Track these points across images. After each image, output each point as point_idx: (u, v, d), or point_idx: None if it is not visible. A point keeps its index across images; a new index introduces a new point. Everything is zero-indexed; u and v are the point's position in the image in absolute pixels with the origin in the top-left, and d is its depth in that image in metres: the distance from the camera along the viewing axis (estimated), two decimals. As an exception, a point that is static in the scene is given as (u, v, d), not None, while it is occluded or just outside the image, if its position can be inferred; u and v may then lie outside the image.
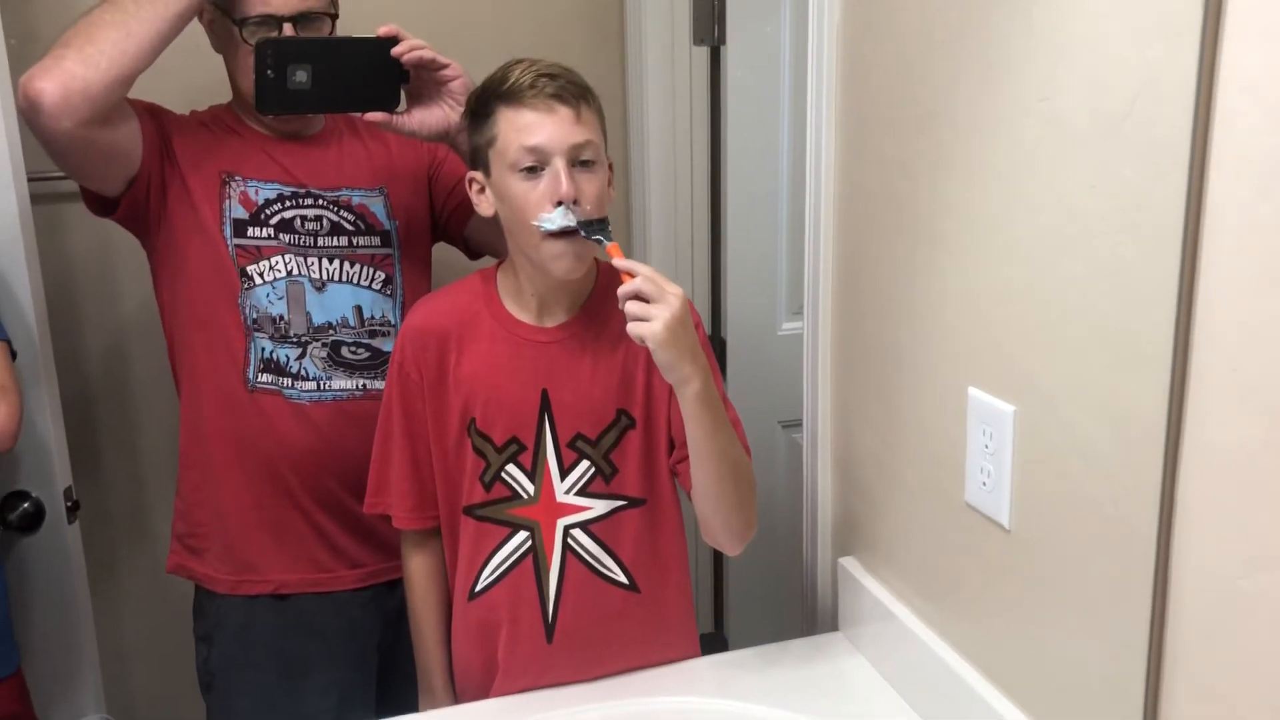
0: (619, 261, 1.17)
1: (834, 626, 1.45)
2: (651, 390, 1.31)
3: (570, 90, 1.21)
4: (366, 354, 1.53)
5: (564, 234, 1.20)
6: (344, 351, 1.52)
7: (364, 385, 1.52)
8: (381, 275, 1.55)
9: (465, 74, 1.42)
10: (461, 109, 1.38)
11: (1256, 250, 0.75)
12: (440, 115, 1.44)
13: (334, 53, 1.43)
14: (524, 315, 1.32)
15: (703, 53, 2.09)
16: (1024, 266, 1.00)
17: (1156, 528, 0.85)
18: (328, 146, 1.56)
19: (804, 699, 1.27)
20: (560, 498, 1.31)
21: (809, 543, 1.51)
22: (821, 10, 1.31)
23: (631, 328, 1.13)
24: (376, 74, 1.41)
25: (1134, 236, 0.85)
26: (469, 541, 1.34)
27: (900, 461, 1.27)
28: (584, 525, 1.31)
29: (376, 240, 1.55)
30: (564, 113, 1.20)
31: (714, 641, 2.25)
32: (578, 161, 1.21)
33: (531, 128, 1.19)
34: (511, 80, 1.20)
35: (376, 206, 1.56)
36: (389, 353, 1.48)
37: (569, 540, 1.31)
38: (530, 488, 1.31)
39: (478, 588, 1.34)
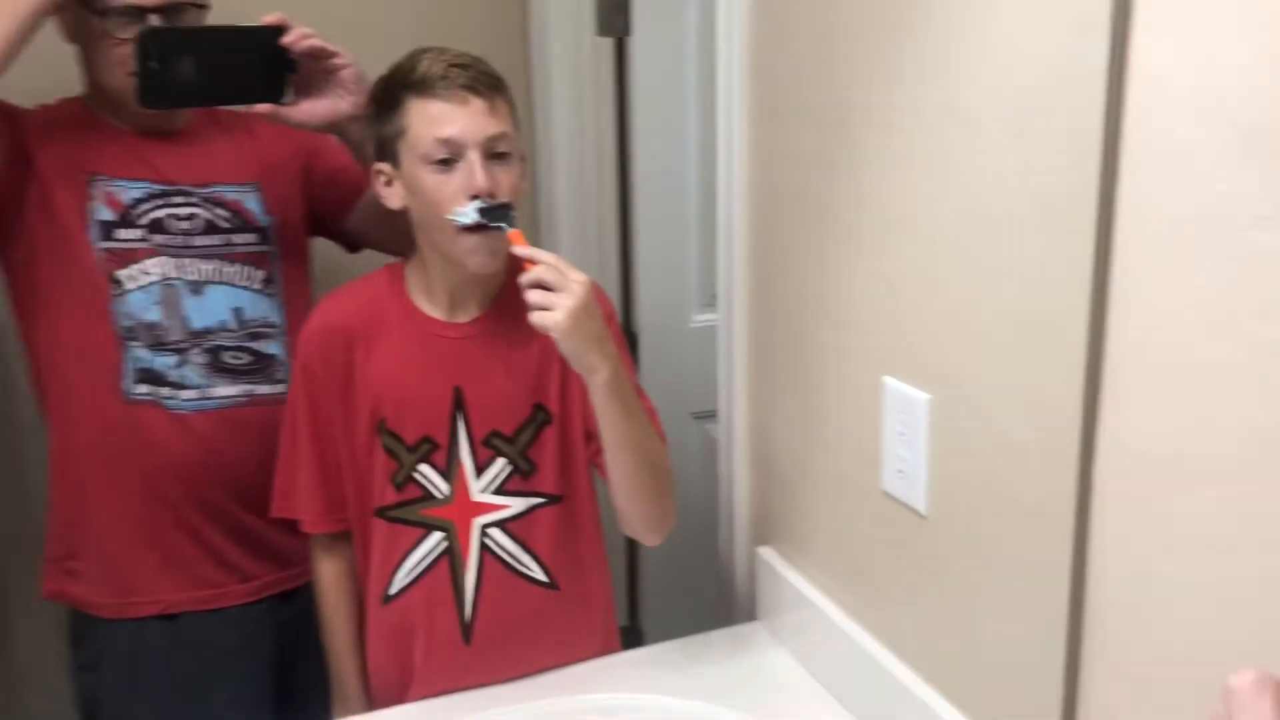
0: (519, 249, 1.14)
1: (752, 617, 1.46)
2: (567, 383, 1.29)
3: (484, 80, 1.18)
4: (249, 358, 1.46)
5: (479, 228, 1.17)
6: (225, 357, 1.45)
7: (249, 391, 1.46)
8: (261, 274, 1.48)
9: (355, 63, 1.36)
10: (352, 98, 1.35)
11: (1168, 241, 0.76)
12: (328, 106, 1.38)
13: (220, 43, 1.35)
14: (434, 311, 1.29)
15: (608, 44, 2.07)
16: (939, 259, 1.01)
17: (1075, 513, 0.86)
18: (194, 142, 1.48)
19: (728, 691, 1.27)
20: (476, 497, 1.29)
21: (726, 533, 1.51)
22: (730, 4, 1.31)
23: (534, 317, 1.11)
24: (263, 64, 1.35)
25: (1048, 228, 0.87)
26: (381, 544, 1.31)
27: (817, 451, 1.27)
28: (501, 524, 1.29)
29: (254, 237, 1.48)
30: (478, 104, 1.17)
31: (630, 635, 2.24)
32: (492, 154, 1.19)
33: (444, 119, 1.17)
34: (421, 70, 1.17)
35: (251, 202, 1.49)
36: (273, 355, 1.46)
37: (486, 540, 1.29)
38: (444, 487, 1.29)
39: (392, 591, 1.31)
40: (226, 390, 1.45)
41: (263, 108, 1.35)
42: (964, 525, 1.02)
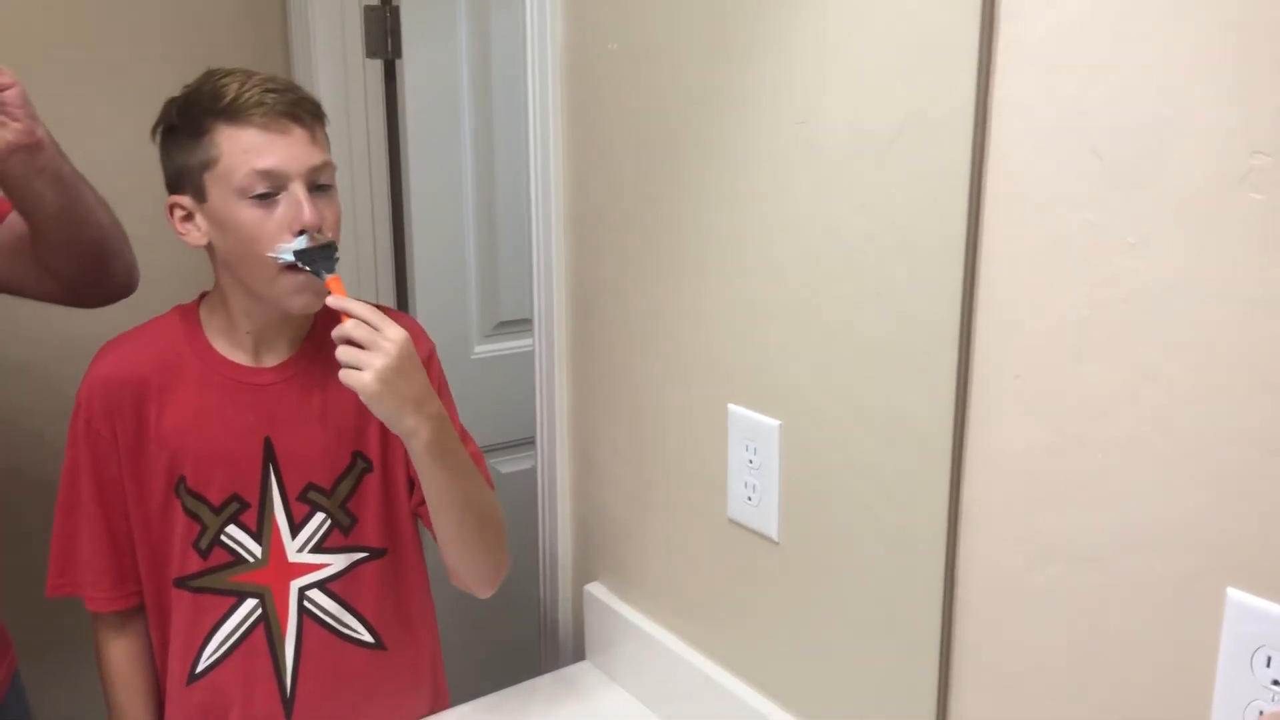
0: (333, 300, 1.06)
1: (580, 657, 1.42)
2: (387, 429, 1.21)
3: (306, 107, 1.09)
4: None
5: (301, 268, 1.08)
6: None
7: None
8: None
9: (19, 82, 1.09)
10: (18, 125, 1.08)
11: (1036, 267, 0.80)
12: None
13: None
14: (237, 355, 1.18)
15: (376, 66, 1.98)
16: (785, 286, 1.02)
17: (946, 532, 0.89)
18: None
19: (572, 738, 1.23)
20: (293, 557, 1.18)
21: (548, 572, 1.47)
22: (543, 32, 1.27)
23: (343, 375, 1.04)
24: None
25: (908, 256, 0.89)
26: (184, 617, 1.18)
27: (651, 481, 1.26)
28: (321, 584, 1.19)
29: None
30: (299, 133, 1.08)
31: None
32: (315, 185, 1.09)
33: (263, 149, 1.06)
34: (232, 96, 1.06)
35: None
36: None
37: (305, 603, 1.19)
38: (257, 550, 1.17)
39: (199, 668, 1.18)
40: None
41: None
42: (821, 550, 1.04)
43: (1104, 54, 0.73)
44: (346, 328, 1.04)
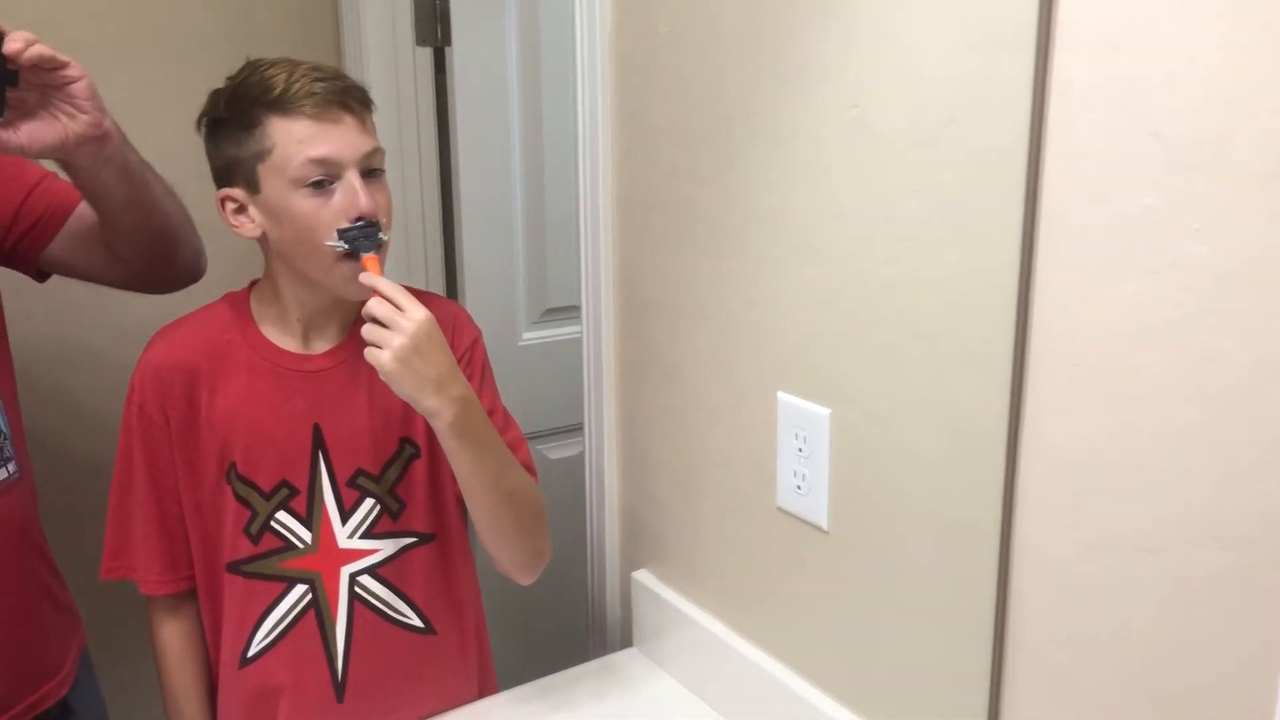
0: (364, 277, 1.07)
1: (626, 644, 1.42)
2: None
3: (354, 95, 1.09)
4: None
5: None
6: None
7: None
8: None
9: (87, 74, 1.10)
10: (86, 117, 1.08)
11: (1094, 252, 0.78)
12: (58, 127, 1.08)
13: None
14: (287, 342, 1.18)
15: (426, 54, 1.99)
16: (835, 271, 1.00)
17: (999, 521, 0.87)
18: None
19: (621, 724, 1.23)
20: (343, 543, 1.19)
21: (595, 559, 1.47)
22: (592, 17, 1.27)
23: (366, 353, 1.05)
24: None
25: (962, 241, 0.87)
26: (236, 602, 1.19)
27: (700, 470, 1.25)
28: (371, 570, 1.20)
29: None
30: (350, 121, 1.08)
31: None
32: (368, 171, 1.10)
33: (316, 138, 1.07)
34: (281, 87, 1.06)
35: None
36: None
37: (355, 588, 1.19)
38: (307, 536, 1.18)
39: (250, 652, 1.19)
40: None
41: None
42: (871, 539, 1.02)
43: (1166, 32, 0.71)
44: (370, 305, 1.05)
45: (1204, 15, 0.69)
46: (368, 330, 1.04)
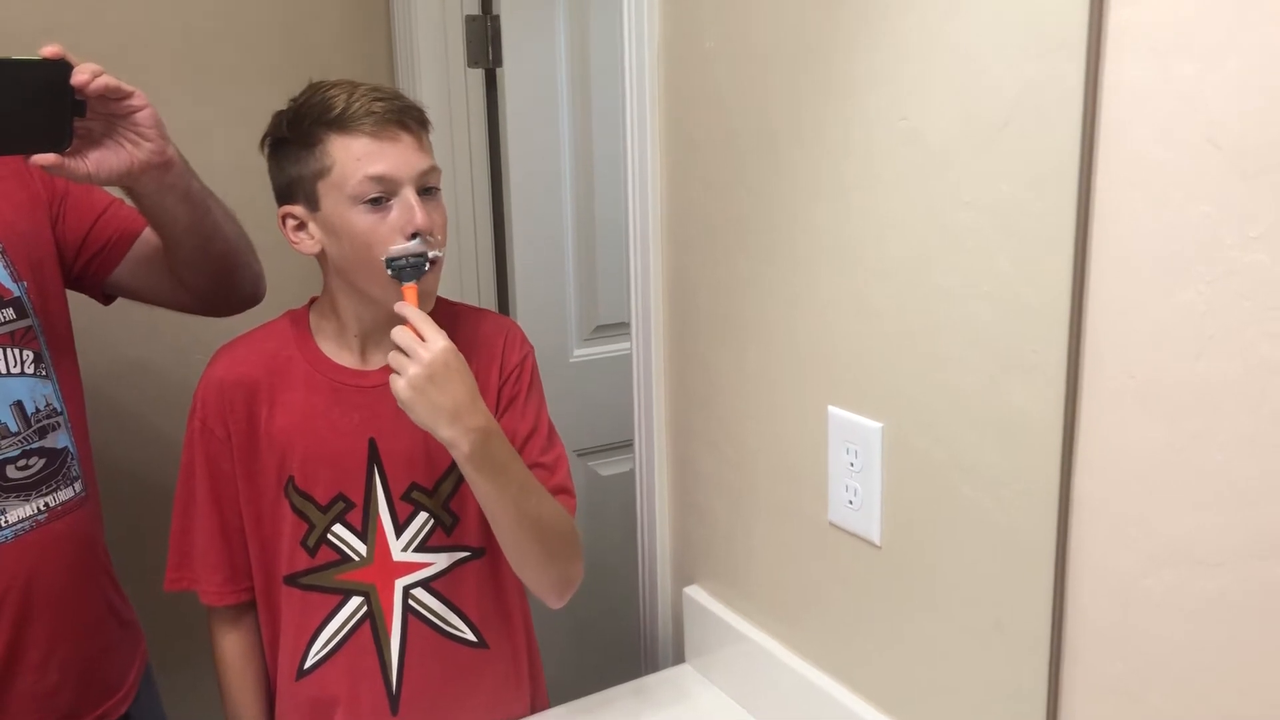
0: (399, 306, 1.09)
1: (679, 659, 1.42)
2: None
3: (412, 115, 1.12)
4: (40, 463, 1.19)
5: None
6: (10, 471, 1.16)
7: (45, 505, 1.19)
8: (29, 354, 1.20)
9: (151, 104, 1.14)
10: (150, 145, 1.12)
11: (1149, 261, 0.77)
12: (124, 155, 1.12)
13: None
14: (344, 358, 1.21)
15: (478, 75, 2.02)
16: (886, 283, 1.00)
17: (1055, 534, 0.86)
18: None
19: (672, 740, 1.23)
20: (397, 556, 1.20)
21: (647, 574, 1.47)
22: (640, 34, 1.28)
23: (390, 380, 1.06)
24: (43, 105, 1.07)
25: (1015, 249, 0.87)
26: (293, 614, 1.21)
27: (750, 484, 1.25)
28: (425, 583, 1.21)
29: (10, 313, 1.18)
30: (407, 139, 1.11)
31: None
32: (424, 189, 1.12)
33: (374, 156, 1.09)
34: (341, 107, 1.09)
35: None
36: (64, 449, 1.21)
37: (410, 602, 1.21)
38: (362, 549, 1.20)
39: (307, 664, 1.21)
40: (20, 512, 1.17)
41: (44, 158, 1.08)
42: (924, 553, 1.02)
43: (1222, 36, 0.70)
44: (395, 333, 1.06)
45: (1259, 19, 0.68)
46: (391, 357, 1.06)
